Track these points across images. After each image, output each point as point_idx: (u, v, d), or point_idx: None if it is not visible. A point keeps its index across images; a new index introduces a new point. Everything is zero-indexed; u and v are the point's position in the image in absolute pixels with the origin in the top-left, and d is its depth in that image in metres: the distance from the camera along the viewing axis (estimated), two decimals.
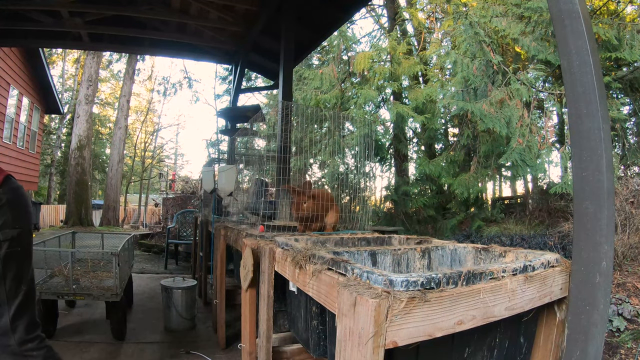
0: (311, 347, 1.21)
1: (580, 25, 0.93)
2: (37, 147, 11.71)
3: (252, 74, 10.90)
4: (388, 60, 7.77)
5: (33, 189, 12.27)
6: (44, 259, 2.57)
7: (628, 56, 4.54)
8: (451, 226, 6.87)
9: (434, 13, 8.87)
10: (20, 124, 10.10)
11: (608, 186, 0.90)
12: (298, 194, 1.89)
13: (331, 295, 0.83)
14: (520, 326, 0.99)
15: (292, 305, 1.41)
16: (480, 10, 5.70)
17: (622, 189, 3.90)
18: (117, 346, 2.53)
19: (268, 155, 3.61)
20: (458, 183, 6.19)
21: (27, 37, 4.51)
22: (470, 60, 5.36)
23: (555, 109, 5.51)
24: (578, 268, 0.94)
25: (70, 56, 18.98)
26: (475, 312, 0.77)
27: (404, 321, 0.68)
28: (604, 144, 0.90)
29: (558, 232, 4.64)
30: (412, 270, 1.26)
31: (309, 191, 1.90)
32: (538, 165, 5.03)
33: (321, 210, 1.90)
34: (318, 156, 8.48)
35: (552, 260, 1.00)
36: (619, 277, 3.21)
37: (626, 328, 2.49)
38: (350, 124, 7.92)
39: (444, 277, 0.75)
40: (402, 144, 7.95)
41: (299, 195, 1.88)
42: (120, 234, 5.06)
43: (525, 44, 4.99)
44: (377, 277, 0.74)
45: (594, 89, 0.91)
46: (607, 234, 0.90)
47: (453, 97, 5.70)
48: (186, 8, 3.98)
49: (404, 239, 1.63)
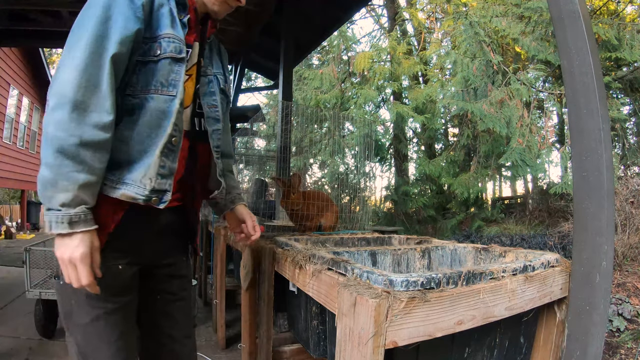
0: (311, 347, 1.21)
1: (580, 25, 0.93)
2: (37, 147, 11.71)
3: (252, 74, 10.90)
4: (388, 60, 7.77)
5: (33, 189, 12.26)
6: (44, 259, 2.57)
7: (628, 56, 4.54)
8: (451, 226, 6.88)
9: (434, 13, 8.87)
10: (20, 124, 10.10)
11: (608, 186, 0.90)
12: (284, 184, 1.92)
13: (331, 295, 0.83)
14: (520, 326, 0.99)
15: (292, 305, 1.41)
16: (480, 10, 5.70)
17: (622, 189, 3.90)
18: None
19: (268, 155, 3.61)
20: (458, 183, 6.19)
21: (27, 37, 4.51)
22: (470, 60, 5.36)
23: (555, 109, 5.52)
24: (578, 268, 0.94)
25: None
26: (475, 312, 0.77)
27: (404, 321, 0.68)
28: (604, 144, 0.90)
29: (558, 232, 4.64)
30: (412, 270, 1.26)
31: (299, 183, 1.91)
32: (538, 165, 5.03)
33: (313, 209, 1.91)
34: (318, 156, 8.48)
35: (552, 260, 1.00)
36: (619, 277, 3.21)
37: (626, 328, 2.49)
38: (350, 124, 7.93)
39: (444, 277, 0.76)
40: (402, 144, 7.96)
41: (287, 186, 1.90)
42: None
43: (525, 44, 4.99)
44: (377, 277, 0.74)
45: (594, 89, 0.91)
46: (607, 234, 0.90)
47: (453, 97, 5.70)
48: None
49: (404, 239, 1.63)
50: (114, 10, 0.81)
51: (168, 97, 0.89)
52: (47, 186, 0.75)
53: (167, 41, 0.88)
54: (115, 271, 0.88)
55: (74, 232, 0.76)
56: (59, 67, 0.78)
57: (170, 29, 0.89)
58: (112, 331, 0.88)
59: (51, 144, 0.74)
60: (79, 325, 0.88)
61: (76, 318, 0.88)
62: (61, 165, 0.74)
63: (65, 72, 0.76)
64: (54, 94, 0.76)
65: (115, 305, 0.88)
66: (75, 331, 0.89)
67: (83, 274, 0.77)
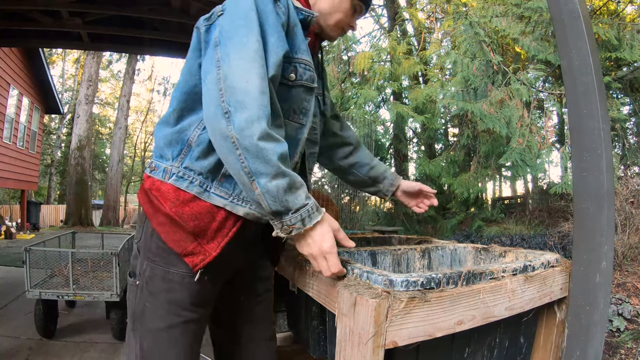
0: (311, 347, 1.21)
1: (580, 25, 0.93)
2: (37, 147, 11.72)
3: None
4: (388, 60, 7.77)
5: (33, 189, 12.27)
6: (44, 259, 2.57)
7: (628, 56, 4.54)
8: (451, 226, 6.87)
9: (434, 13, 8.86)
10: (20, 124, 10.11)
11: (608, 186, 0.90)
12: None
13: (331, 295, 0.83)
14: (520, 326, 0.99)
15: (292, 305, 1.41)
16: (480, 10, 5.70)
17: (622, 189, 3.90)
18: (117, 346, 2.53)
19: None
20: (458, 183, 6.18)
21: (27, 37, 4.51)
22: (470, 60, 5.36)
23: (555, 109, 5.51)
24: (578, 268, 0.94)
25: (70, 56, 19.00)
26: (475, 312, 0.77)
27: (404, 321, 0.68)
28: (604, 144, 0.90)
29: (558, 232, 4.64)
30: (412, 270, 1.26)
31: None
32: (538, 165, 5.03)
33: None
34: None
35: (552, 260, 1.00)
36: (619, 277, 3.21)
37: (626, 328, 2.49)
38: (351, 124, 7.93)
39: (444, 277, 0.76)
40: (402, 144, 7.95)
41: None
42: (121, 234, 5.05)
43: (525, 44, 4.99)
44: (377, 277, 0.74)
45: (594, 89, 0.91)
46: (607, 234, 0.90)
47: (453, 97, 5.70)
48: (186, 8, 3.98)
49: (404, 239, 1.63)
50: (266, 27, 0.77)
51: (298, 125, 0.88)
52: (283, 192, 0.72)
53: (303, 67, 0.86)
54: (205, 282, 0.85)
55: (317, 221, 0.75)
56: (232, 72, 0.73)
57: (305, 54, 0.86)
58: (185, 341, 0.85)
59: (269, 154, 0.70)
60: (151, 330, 0.84)
61: (149, 322, 0.85)
62: (288, 168, 0.73)
63: (252, 81, 0.72)
64: (243, 107, 0.72)
65: (194, 316, 0.86)
66: (144, 335, 0.85)
67: (333, 263, 0.76)
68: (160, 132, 0.88)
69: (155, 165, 0.87)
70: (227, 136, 0.70)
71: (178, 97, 0.86)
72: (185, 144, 0.84)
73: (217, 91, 0.72)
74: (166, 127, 0.87)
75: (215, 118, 0.71)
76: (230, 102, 0.70)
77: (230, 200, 0.82)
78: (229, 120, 0.70)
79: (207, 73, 0.76)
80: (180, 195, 0.82)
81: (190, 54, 0.87)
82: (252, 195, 0.73)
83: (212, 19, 0.83)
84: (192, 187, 0.82)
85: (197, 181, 0.82)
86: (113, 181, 14.38)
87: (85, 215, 11.94)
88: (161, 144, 0.87)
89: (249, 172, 0.71)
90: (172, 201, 0.82)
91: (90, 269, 2.85)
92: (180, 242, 0.81)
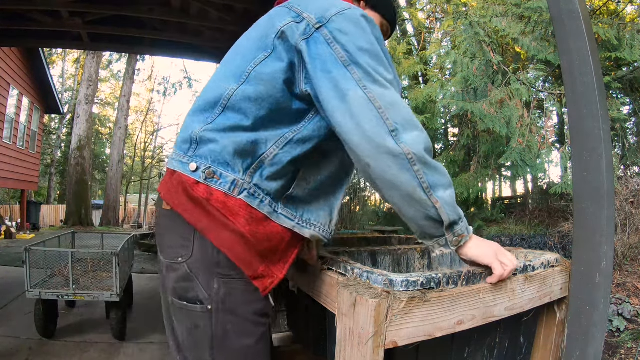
0: (311, 347, 1.21)
1: (580, 25, 0.93)
2: (37, 147, 11.72)
3: None
4: None
5: (33, 189, 12.27)
6: (44, 259, 2.57)
7: (628, 56, 4.54)
8: None
9: (434, 13, 8.87)
10: (20, 124, 10.11)
11: (608, 186, 0.90)
12: None
13: (331, 295, 0.83)
14: (520, 326, 0.99)
15: (292, 305, 1.40)
16: (480, 10, 5.70)
17: (622, 189, 3.90)
18: (117, 346, 2.53)
19: None
20: (458, 183, 6.18)
21: (27, 37, 4.51)
22: (470, 60, 5.36)
23: (555, 109, 5.51)
24: (578, 268, 0.94)
25: (70, 56, 19.00)
26: (475, 312, 0.77)
27: (404, 321, 0.68)
28: (604, 144, 0.90)
29: (558, 232, 4.64)
30: (412, 270, 1.26)
31: None
32: (538, 165, 5.03)
33: None
34: None
35: (552, 260, 1.00)
36: (619, 277, 3.21)
37: (626, 328, 2.49)
38: None
39: (444, 277, 0.76)
40: None
41: None
42: (121, 234, 5.05)
43: (525, 44, 4.98)
44: (377, 277, 0.74)
45: (594, 89, 0.91)
46: (607, 234, 0.90)
47: (453, 97, 5.70)
48: (186, 8, 3.98)
49: (404, 239, 1.63)
50: (383, 46, 0.80)
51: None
52: (454, 200, 0.76)
53: None
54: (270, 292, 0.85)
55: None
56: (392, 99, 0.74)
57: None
58: (268, 348, 0.84)
59: (440, 165, 0.75)
60: (237, 349, 0.79)
61: (235, 343, 0.78)
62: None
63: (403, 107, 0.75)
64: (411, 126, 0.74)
65: (269, 323, 0.86)
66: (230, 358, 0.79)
67: (509, 257, 0.79)
68: (231, 135, 0.78)
69: (216, 173, 0.77)
70: (399, 154, 0.69)
71: (254, 103, 0.77)
72: (257, 159, 0.78)
73: (375, 110, 0.70)
74: (239, 132, 0.78)
75: (379, 137, 0.69)
76: (396, 120, 0.70)
77: (297, 222, 0.82)
78: (398, 138, 0.69)
79: (346, 90, 0.71)
80: (253, 214, 0.77)
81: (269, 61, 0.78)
82: (426, 211, 0.73)
83: (308, 32, 0.75)
84: (263, 206, 0.78)
85: (266, 200, 0.78)
86: (113, 181, 14.38)
87: (85, 215, 11.94)
88: (230, 149, 0.77)
89: (428, 187, 0.71)
90: (245, 218, 0.76)
91: (90, 269, 2.85)
92: (251, 264, 0.77)
